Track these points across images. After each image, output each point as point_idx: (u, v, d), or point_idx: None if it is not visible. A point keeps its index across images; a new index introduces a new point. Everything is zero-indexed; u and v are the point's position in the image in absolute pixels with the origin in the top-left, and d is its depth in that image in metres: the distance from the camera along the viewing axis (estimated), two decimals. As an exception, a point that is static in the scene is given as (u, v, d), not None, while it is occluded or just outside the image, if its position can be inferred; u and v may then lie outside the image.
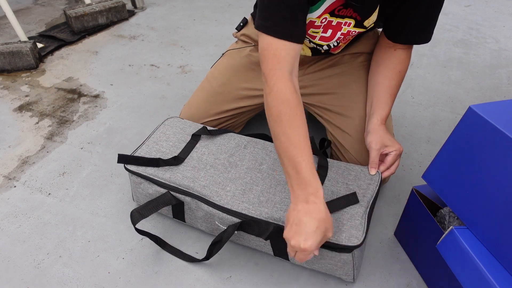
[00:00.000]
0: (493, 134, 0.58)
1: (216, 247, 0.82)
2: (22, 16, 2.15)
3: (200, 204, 0.83)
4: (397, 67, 0.89)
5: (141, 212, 0.83)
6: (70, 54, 1.77)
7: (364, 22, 0.83)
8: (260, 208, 0.79)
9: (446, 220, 0.74)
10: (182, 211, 0.89)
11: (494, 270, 0.60)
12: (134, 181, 0.91)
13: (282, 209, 0.78)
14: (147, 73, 1.61)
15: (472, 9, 2.15)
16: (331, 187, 0.82)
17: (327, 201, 0.76)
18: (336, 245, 0.72)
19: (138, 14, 2.16)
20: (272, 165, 0.88)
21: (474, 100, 1.43)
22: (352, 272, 0.78)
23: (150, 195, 0.89)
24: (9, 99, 1.47)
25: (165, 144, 0.94)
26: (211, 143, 0.95)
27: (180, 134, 0.97)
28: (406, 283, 0.83)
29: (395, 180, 1.08)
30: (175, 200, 0.85)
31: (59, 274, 0.86)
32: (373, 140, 0.85)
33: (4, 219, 0.99)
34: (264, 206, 0.79)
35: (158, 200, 0.84)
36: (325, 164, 0.87)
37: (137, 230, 0.84)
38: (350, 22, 0.83)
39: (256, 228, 0.76)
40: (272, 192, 0.82)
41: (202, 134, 0.96)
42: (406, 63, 0.90)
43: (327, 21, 0.83)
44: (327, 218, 0.66)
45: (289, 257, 0.82)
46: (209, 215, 0.84)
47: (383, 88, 0.90)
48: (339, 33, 0.86)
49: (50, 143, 1.24)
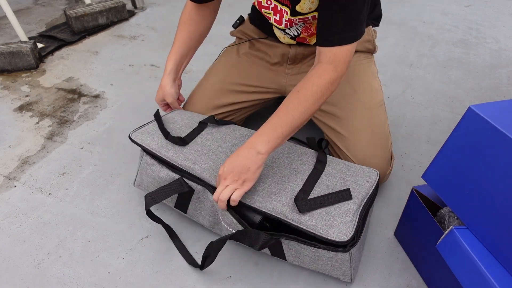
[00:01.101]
0: (493, 134, 0.58)
1: (207, 260, 0.82)
2: (22, 16, 2.15)
3: (209, 195, 0.83)
4: (299, 84, 0.79)
5: (154, 197, 0.83)
6: (70, 54, 1.77)
7: (296, 7, 0.86)
8: (254, 197, 0.79)
9: (446, 220, 0.74)
10: (188, 201, 0.88)
11: (494, 270, 0.60)
12: (147, 162, 0.90)
13: (276, 200, 0.78)
14: (147, 73, 1.61)
15: (472, 9, 2.15)
16: (326, 181, 0.82)
17: (318, 196, 0.76)
18: (325, 239, 0.71)
19: (138, 14, 2.16)
20: (273, 158, 0.88)
21: (474, 100, 1.43)
22: (350, 273, 0.78)
23: (160, 178, 0.89)
24: (9, 99, 1.47)
25: (171, 126, 0.96)
26: (217, 131, 0.95)
27: (188, 120, 0.98)
28: (406, 283, 0.83)
29: (395, 180, 1.08)
30: (187, 187, 0.85)
31: (59, 274, 0.86)
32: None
33: (4, 219, 0.99)
34: (259, 195, 0.79)
35: (171, 185, 0.84)
36: (324, 160, 0.87)
37: (150, 215, 0.85)
38: (286, 10, 0.88)
39: (247, 239, 0.75)
40: (269, 183, 0.82)
41: (209, 122, 0.97)
42: (313, 78, 0.77)
43: (273, 4, 0.90)
44: (164, 87, 0.98)
45: (286, 258, 0.82)
46: (214, 208, 0.83)
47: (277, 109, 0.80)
48: (284, 20, 0.92)
49: (50, 143, 1.24)
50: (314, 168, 0.85)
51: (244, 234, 0.76)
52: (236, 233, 0.76)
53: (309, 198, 0.77)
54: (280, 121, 0.75)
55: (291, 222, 0.75)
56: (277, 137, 0.74)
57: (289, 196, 0.78)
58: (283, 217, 0.75)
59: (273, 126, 0.75)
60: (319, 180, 0.82)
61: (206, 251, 0.80)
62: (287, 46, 1.04)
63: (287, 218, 0.75)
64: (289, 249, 0.78)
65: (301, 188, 0.80)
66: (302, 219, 0.74)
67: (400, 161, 1.15)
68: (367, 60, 1.04)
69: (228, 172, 0.74)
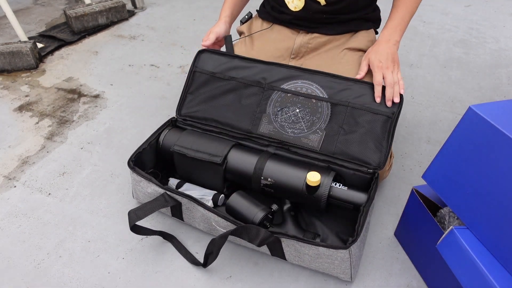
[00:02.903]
0: (493, 134, 0.58)
1: (210, 258, 0.82)
2: (22, 16, 2.15)
3: (197, 206, 0.84)
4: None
5: (137, 213, 0.83)
6: (70, 54, 1.77)
7: None
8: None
9: (446, 220, 0.74)
10: (180, 211, 0.89)
11: (494, 270, 0.60)
12: (135, 179, 0.91)
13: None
14: (147, 73, 1.61)
15: (472, 9, 2.15)
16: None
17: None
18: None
19: (138, 14, 2.16)
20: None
21: (474, 100, 1.43)
22: (350, 271, 0.78)
23: (149, 194, 0.89)
24: (9, 99, 1.47)
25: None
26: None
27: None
28: (406, 283, 0.83)
29: (395, 180, 1.08)
30: (172, 201, 0.85)
31: (59, 274, 0.86)
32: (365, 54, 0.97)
33: (4, 219, 0.99)
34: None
35: (154, 202, 0.85)
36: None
37: (134, 231, 0.84)
38: None
39: (248, 234, 0.76)
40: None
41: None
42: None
43: None
44: (218, 29, 1.07)
45: (286, 257, 0.82)
46: (205, 217, 0.84)
47: (393, 7, 0.99)
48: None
49: (50, 143, 1.24)
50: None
51: (244, 230, 0.76)
52: (237, 228, 0.76)
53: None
54: (403, 13, 0.96)
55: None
56: (405, 26, 0.96)
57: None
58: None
59: (398, 19, 0.96)
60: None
61: (208, 248, 0.80)
62: (292, 38, 1.04)
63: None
64: (288, 248, 0.78)
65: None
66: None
67: (400, 161, 1.15)
68: None
69: (385, 61, 0.90)
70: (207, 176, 0.94)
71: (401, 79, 0.90)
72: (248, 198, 0.85)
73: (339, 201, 0.84)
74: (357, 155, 0.89)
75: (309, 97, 0.94)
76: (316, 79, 0.95)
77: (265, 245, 0.81)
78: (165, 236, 0.91)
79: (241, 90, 1.00)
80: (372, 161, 0.88)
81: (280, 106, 0.96)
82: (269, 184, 0.87)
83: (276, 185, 0.87)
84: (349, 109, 0.91)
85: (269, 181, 0.87)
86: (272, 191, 0.89)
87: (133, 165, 0.90)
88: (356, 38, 1.03)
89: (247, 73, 1.00)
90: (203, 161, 0.91)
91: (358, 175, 0.88)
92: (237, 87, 1.00)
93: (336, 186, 0.84)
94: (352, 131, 0.90)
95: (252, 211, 0.81)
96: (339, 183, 0.85)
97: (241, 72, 1.01)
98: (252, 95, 0.99)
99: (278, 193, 0.89)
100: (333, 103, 0.92)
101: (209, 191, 0.95)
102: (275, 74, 0.98)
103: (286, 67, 0.98)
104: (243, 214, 0.82)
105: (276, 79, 0.98)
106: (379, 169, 0.86)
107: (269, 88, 0.98)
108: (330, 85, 0.94)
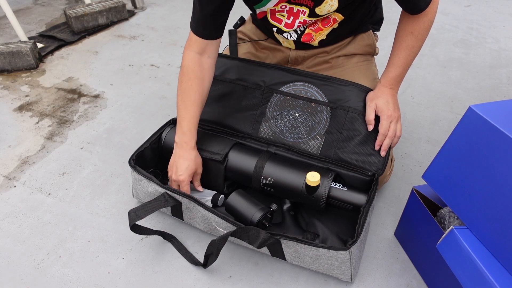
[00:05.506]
0: (493, 134, 0.58)
1: (210, 259, 0.82)
2: (22, 16, 2.15)
3: (197, 206, 0.84)
4: (408, 29, 0.90)
5: (137, 213, 0.83)
6: (70, 54, 1.77)
7: (315, 9, 0.87)
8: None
9: (446, 220, 0.74)
10: (180, 211, 0.89)
11: (494, 270, 0.60)
12: (135, 178, 0.91)
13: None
14: (147, 73, 1.61)
15: (472, 9, 2.15)
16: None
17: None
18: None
19: (138, 14, 2.16)
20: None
21: (474, 100, 1.43)
22: (350, 272, 0.78)
23: (150, 193, 0.89)
24: (9, 99, 1.47)
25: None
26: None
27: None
28: (406, 283, 0.83)
29: (395, 180, 1.08)
30: (172, 201, 0.85)
31: (59, 274, 0.86)
32: (368, 97, 0.92)
33: (4, 219, 0.99)
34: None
35: (154, 201, 0.85)
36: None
37: (134, 230, 0.84)
38: (305, 10, 0.89)
39: (247, 236, 0.76)
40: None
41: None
42: (418, 24, 0.89)
43: (288, 7, 0.90)
44: (196, 159, 0.90)
45: (286, 258, 0.82)
46: (205, 217, 0.84)
47: (393, 49, 0.93)
48: (297, 21, 0.92)
49: (50, 143, 1.24)
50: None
51: (244, 231, 0.76)
52: (237, 230, 0.76)
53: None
54: (404, 61, 0.90)
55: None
56: (404, 74, 0.91)
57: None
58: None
59: (400, 68, 0.90)
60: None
61: (208, 249, 0.80)
62: (287, 49, 1.04)
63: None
64: (288, 249, 0.78)
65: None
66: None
67: (400, 161, 1.15)
68: (366, 62, 1.05)
69: (392, 111, 0.88)
70: (207, 175, 0.94)
71: (400, 130, 0.90)
72: (247, 197, 0.85)
73: (338, 202, 0.84)
74: (355, 162, 0.89)
75: (308, 101, 0.94)
76: (315, 82, 0.95)
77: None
78: (165, 236, 0.91)
79: (241, 93, 1.00)
80: (371, 167, 0.88)
81: (279, 110, 0.96)
82: (269, 184, 0.87)
83: (276, 184, 0.87)
84: (349, 114, 0.91)
85: (269, 180, 0.87)
86: (272, 191, 0.89)
87: (134, 164, 0.90)
88: (353, 43, 1.02)
89: (246, 75, 1.00)
90: (204, 159, 0.91)
91: (358, 177, 0.88)
92: (236, 90, 1.00)
93: (336, 187, 0.84)
94: (351, 137, 0.90)
95: (251, 210, 0.81)
96: (339, 184, 0.85)
97: (241, 75, 1.00)
98: (251, 98, 0.99)
99: (278, 193, 0.89)
100: (332, 107, 0.92)
101: (209, 191, 0.95)
102: (274, 77, 0.98)
103: (286, 70, 0.98)
104: (242, 213, 0.82)
105: (276, 82, 0.98)
106: (378, 174, 0.87)
107: (268, 90, 0.98)
108: (330, 88, 0.94)
